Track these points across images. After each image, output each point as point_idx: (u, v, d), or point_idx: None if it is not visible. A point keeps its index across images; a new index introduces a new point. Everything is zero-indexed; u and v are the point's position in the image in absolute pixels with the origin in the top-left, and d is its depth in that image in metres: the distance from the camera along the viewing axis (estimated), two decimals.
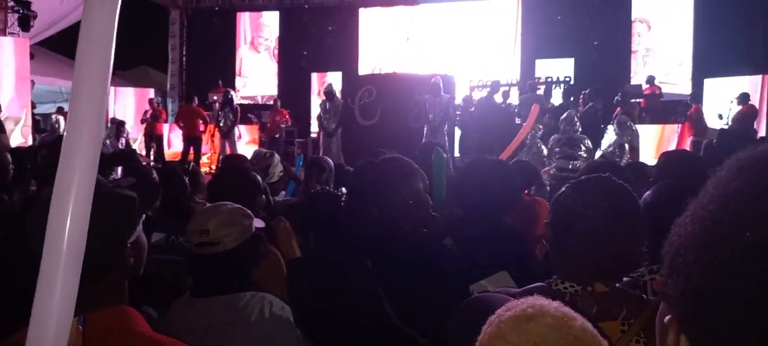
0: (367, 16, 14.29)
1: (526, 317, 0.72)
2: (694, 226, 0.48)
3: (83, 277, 1.09)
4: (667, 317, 0.51)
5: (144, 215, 1.40)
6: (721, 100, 9.46)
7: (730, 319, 0.43)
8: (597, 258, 1.23)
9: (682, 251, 0.48)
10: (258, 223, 1.75)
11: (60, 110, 12.88)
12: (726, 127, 8.72)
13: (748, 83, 9.62)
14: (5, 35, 10.19)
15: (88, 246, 1.08)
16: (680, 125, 9.75)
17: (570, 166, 6.37)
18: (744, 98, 8.85)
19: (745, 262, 0.42)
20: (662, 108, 10.57)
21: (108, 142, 10.47)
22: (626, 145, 7.85)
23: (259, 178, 2.36)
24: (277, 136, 11.91)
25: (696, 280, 0.46)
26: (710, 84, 10.54)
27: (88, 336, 1.07)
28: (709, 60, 10.78)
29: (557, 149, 6.70)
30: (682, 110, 9.97)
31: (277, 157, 3.46)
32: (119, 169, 2.66)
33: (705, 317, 0.45)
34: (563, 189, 1.32)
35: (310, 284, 1.71)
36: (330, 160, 4.16)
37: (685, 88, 11.25)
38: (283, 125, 12.13)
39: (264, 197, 2.55)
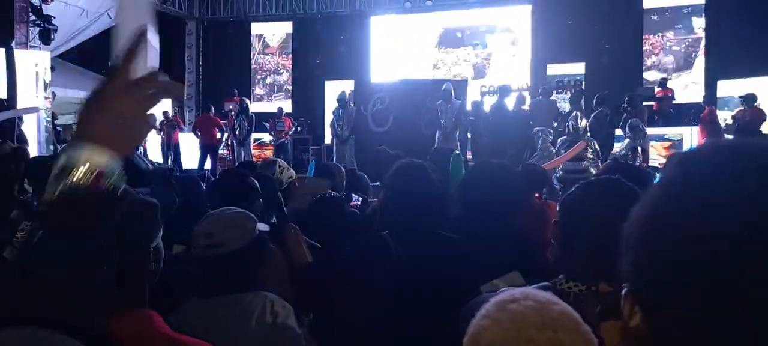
0: (378, 24, 14.39)
1: (511, 299, 0.78)
2: (643, 210, 0.55)
3: (109, 281, 1.16)
4: (624, 290, 0.57)
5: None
6: (733, 103, 9.35)
7: (668, 284, 0.49)
8: (602, 258, 1.25)
9: (633, 231, 0.55)
10: (262, 226, 1.81)
11: None
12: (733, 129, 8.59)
13: (763, 85, 9.49)
14: (27, 49, 10.47)
15: (115, 251, 1.16)
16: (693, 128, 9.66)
17: (577, 169, 6.37)
18: (750, 100, 8.71)
19: (676, 236, 0.49)
20: (675, 111, 10.46)
21: None
22: (639, 149, 7.82)
23: (256, 183, 2.42)
24: (284, 142, 12.08)
25: (641, 255, 0.53)
26: (723, 86, 10.43)
27: (115, 339, 1.13)
28: (722, 62, 10.67)
29: (563, 151, 6.69)
30: (695, 113, 9.86)
31: (280, 162, 3.51)
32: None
33: (650, 285, 0.52)
34: (572, 189, 1.34)
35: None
36: (340, 167, 4.22)
37: (698, 90, 11.11)
38: (290, 133, 12.30)
39: (269, 201, 2.62)
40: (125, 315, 1.18)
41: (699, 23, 11.57)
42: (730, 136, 8.26)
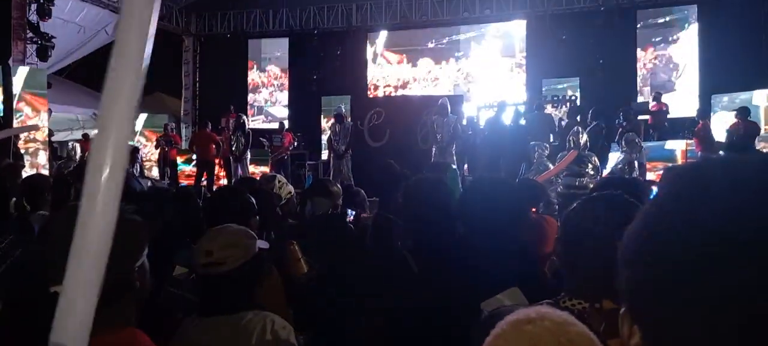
0: (374, 40, 14.49)
1: (527, 320, 0.76)
2: (637, 228, 0.54)
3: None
4: (622, 309, 0.56)
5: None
6: (728, 117, 9.40)
7: (665, 304, 0.49)
8: (606, 275, 1.25)
9: (627, 249, 0.54)
10: (262, 244, 1.80)
11: (86, 137, 13.16)
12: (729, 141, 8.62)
13: (756, 98, 9.56)
14: (24, 65, 10.48)
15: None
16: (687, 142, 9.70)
17: (577, 184, 6.38)
18: (743, 112, 8.77)
19: (669, 254, 0.48)
20: (670, 125, 10.52)
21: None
22: (635, 163, 7.84)
23: (252, 200, 2.41)
24: (285, 158, 12.06)
25: (637, 274, 0.52)
26: (717, 100, 10.51)
27: None
28: (716, 76, 10.76)
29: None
30: (689, 126, 9.92)
31: (279, 178, 3.51)
32: None
33: (647, 304, 0.51)
34: (574, 205, 1.32)
35: None
36: (336, 183, 4.22)
37: (692, 104, 11.19)
38: (290, 148, 12.29)
39: (268, 217, 2.61)
40: (108, 333, 1.17)
41: (686, 40, 11.70)
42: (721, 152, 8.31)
